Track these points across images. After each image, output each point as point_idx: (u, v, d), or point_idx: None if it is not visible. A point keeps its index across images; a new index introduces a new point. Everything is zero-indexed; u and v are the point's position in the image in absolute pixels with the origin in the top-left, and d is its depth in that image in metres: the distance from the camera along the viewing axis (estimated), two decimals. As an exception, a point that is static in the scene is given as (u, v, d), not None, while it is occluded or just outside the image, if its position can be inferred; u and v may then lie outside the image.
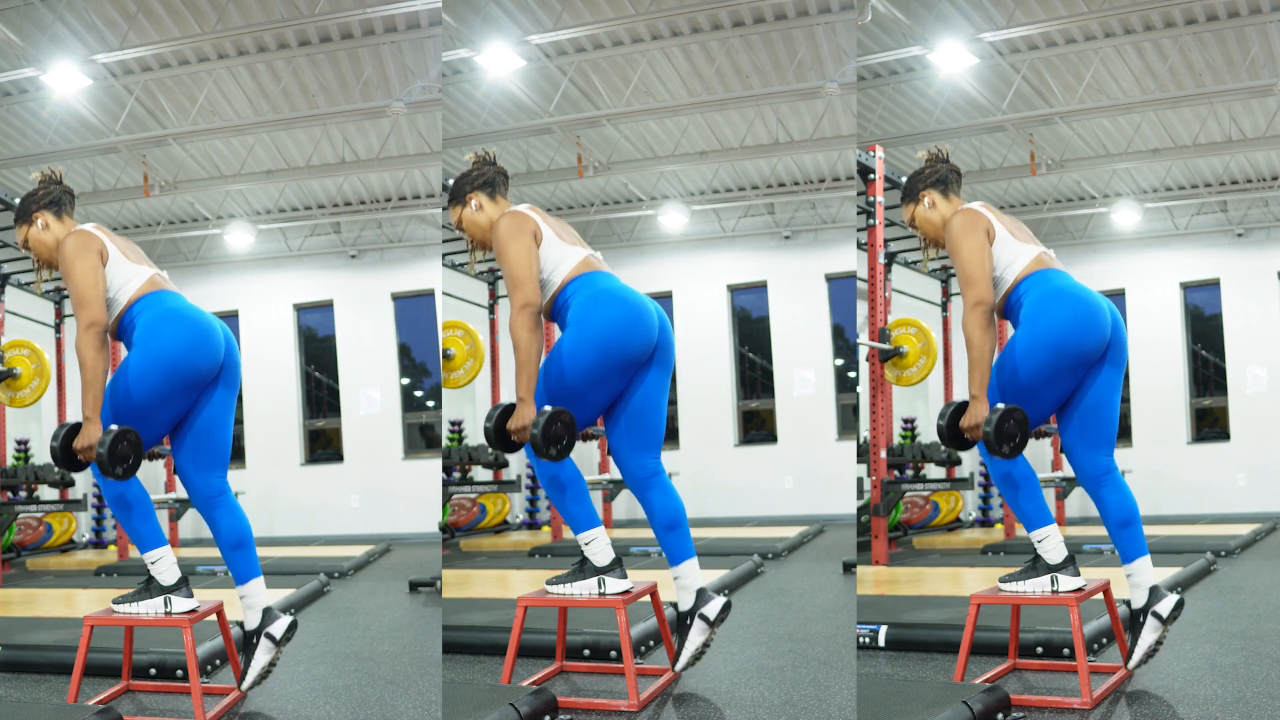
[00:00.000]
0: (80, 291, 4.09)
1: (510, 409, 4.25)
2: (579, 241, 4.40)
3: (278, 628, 4.26)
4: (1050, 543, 4.30)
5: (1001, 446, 4.08)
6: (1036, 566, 4.33)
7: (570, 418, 4.19)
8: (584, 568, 4.47)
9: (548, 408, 4.15)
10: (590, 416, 4.34)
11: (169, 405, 4.15)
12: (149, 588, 4.30)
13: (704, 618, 4.33)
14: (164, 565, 4.28)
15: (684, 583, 4.38)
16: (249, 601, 4.26)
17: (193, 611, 4.29)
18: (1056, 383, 4.17)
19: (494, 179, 4.45)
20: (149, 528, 4.28)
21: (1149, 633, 4.27)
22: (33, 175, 4.37)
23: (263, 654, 4.25)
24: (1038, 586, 4.30)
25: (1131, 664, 4.31)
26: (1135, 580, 4.28)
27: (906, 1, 10.27)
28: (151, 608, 4.28)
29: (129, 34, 10.16)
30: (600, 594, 4.41)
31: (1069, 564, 4.31)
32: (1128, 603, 4.35)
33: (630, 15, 10.29)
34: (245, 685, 4.30)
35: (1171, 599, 4.27)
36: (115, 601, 4.35)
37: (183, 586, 4.31)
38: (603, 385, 4.26)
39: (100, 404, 4.05)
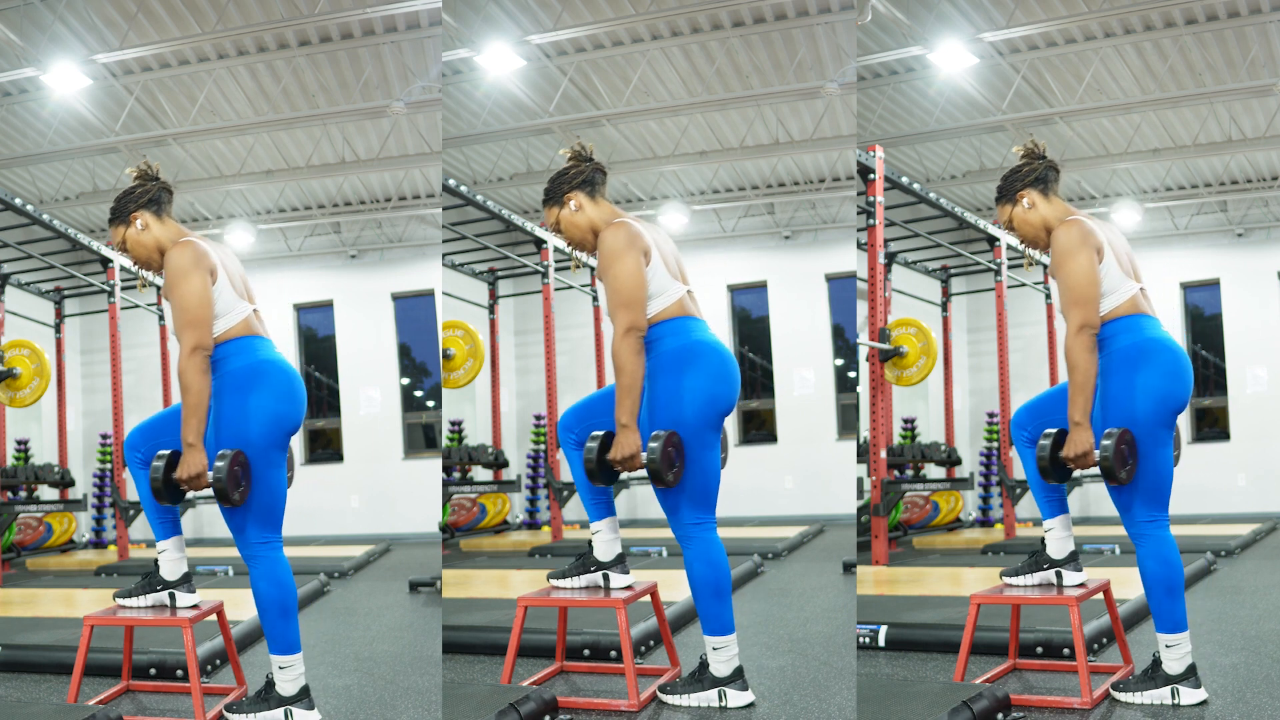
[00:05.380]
0: (192, 312, 3.88)
1: (609, 438, 4.09)
2: (681, 275, 4.20)
3: (305, 719, 4.01)
4: (1056, 534, 4.30)
5: (1119, 472, 3.90)
6: (1039, 560, 4.34)
7: (679, 439, 4.05)
8: (586, 561, 4.40)
9: (659, 432, 4.01)
10: (715, 474, 4.15)
11: (277, 464, 4.00)
12: (151, 581, 4.27)
13: (723, 696, 4.15)
14: (172, 556, 4.25)
15: (724, 655, 4.19)
16: (290, 674, 3.99)
17: (194, 608, 4.28)
18: (1167, 434, 4.01)
19: (593, 177, 4.24)
20: (171, 515, 4.22)
21: (1159, 697, 4.03)
22: (128, 171, 4.17)
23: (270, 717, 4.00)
24: (1039, 579, 4.31)
25: (1121, 698, 4.10)
26: (1176, 652, 4.03)
27: (906, 1, 10.28)
28: (154, 600, 4.26)
29: (129, 34, 10.17)
30: (605, 589, 4.36)
31: (1072, 559, 4.30)
32: (1156, 656, 4.09)
33: (630, 15, 10.29)
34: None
35: (1201, 694, 4.02)
36: (117, 596, 4.34)
37: (185, 582, 4.28)
38: (711, 437, 4.12)
39: (203, 430, 3.87)
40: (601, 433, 4.12)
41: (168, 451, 3.98)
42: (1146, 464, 3.98)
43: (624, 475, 4.33)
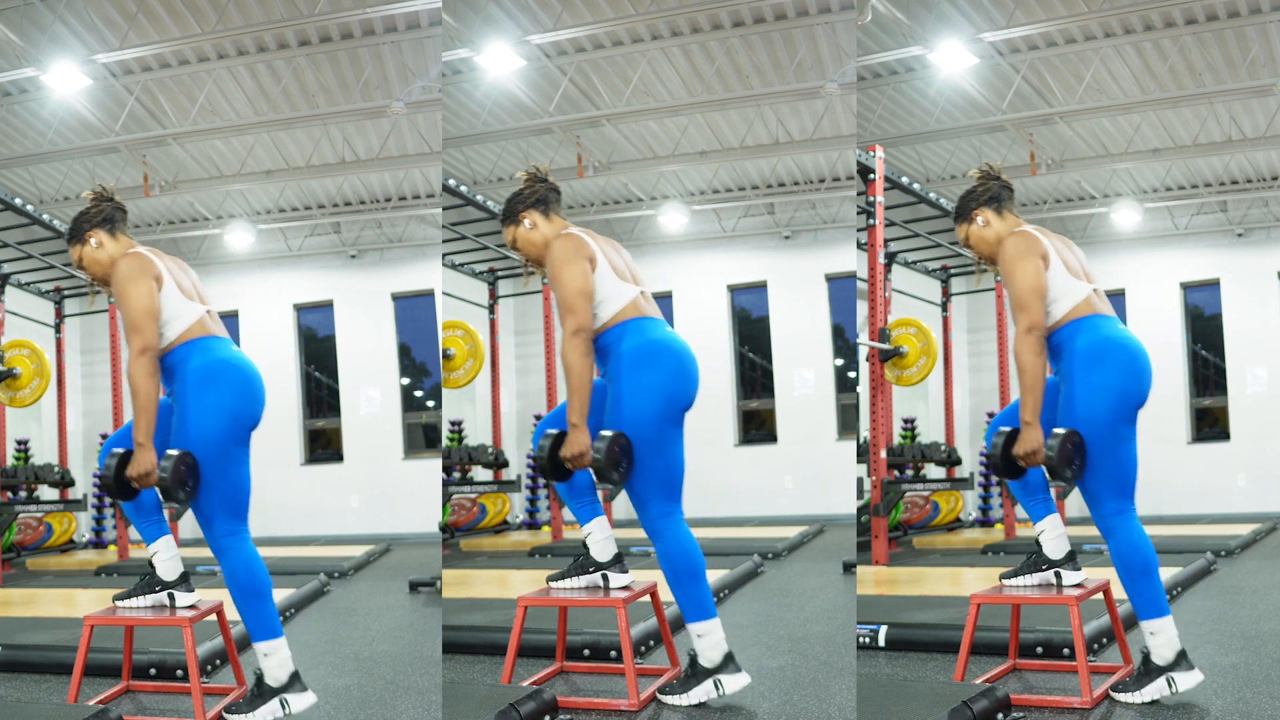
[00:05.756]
0: (134, 317, 4.03)
1: (561, 437, 4.21)
2: (632, 277, 4.32)
3: (300, 701, 4.07)
4: (1049, 535, 4.33)
5: (1064, 470, 4.02)
6: (1037, 562, 4.34)
7: (627, 440, 4.16)
8: (584, 562, 4.44)
9: (606, 431, 4.13)
10: (679, 466, 4.24)
11: (240, 460, 4.09)
12: (149, 583, 4.31)
13: (719, 685, 4.20)
14: (165, 557, 4.31)
15: (710, 641, 4.24)
16: (276, 660, 4.05)
17: (194, 608, 4.29)
18: (1130, 429, 4.10)
19: (546, 196, 4.41)
20: (156, 516, 4.30)
21: (1156, 690, 4.07)
22: (84, 194, 4.34)
23: (268, 714, 4.03)
24: (1038, 580, 4.33)
25: (1124, 700, 4.12)
26: (1161, 639, 4.09)
27: (906, 1, 10.27)
28: (153, 601, 4.30)
29: (129, 34, 10.16)
30: (604, 589, 4.40)
31: (1070, 559, 4.32)
32: (1145, 650, 4.13)
33: (630, 15, 10.29)
34: None
35: (1196, 676, 4.08)
36: (116, 598, 4.36)
37: (184, 582, 4.33)
38: (673, 432, 4.22)
39: (153, 430, 3.99)
40: (555, 431, 4.23)
41: (121, 450, 4.09)
42: (1109, 459, 4.07)
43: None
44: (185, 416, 4.03)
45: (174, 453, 3.97)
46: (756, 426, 14.27)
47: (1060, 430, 4.04)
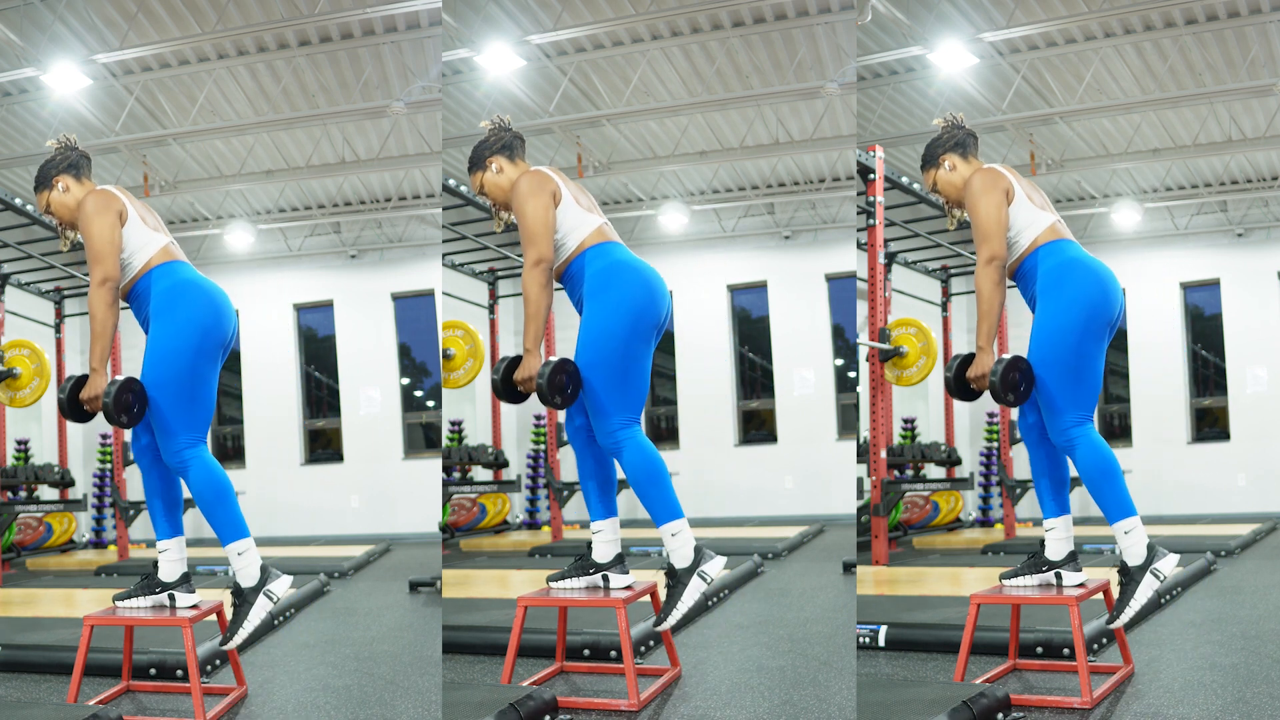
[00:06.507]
0: (96, 247, 4.17)
1: (517, 361, 4.38)
2: (595, 209, 4.48)
3: (280, 586, 4.24)
4: (1056, 535, 4.33)
5: (1007, 395, 4.17)
6: (1037, 563, 4.35)
7: (574, 367, 4.30)
8: (584, 563, 4.46)
9: (553, 357, 4.29)
10: (644, 383, 4.37)
11: (208, 378, 4.23)
12: (149, 583, 4.33)
13: (703, 576, 4.31)
14: (172, 557, 4.33)
15: (684, 537, 4.36)
16: (248, 557, 4.20)
17: (194, 608, 4.30)
18: (1098, 346, 4.20)
19: (511, 142, 4.54)
20: (175, 514, 4.37)
21: (1146, 590, 4.18)
22: (48, 144, 4.45)
23: (260, 611, 4.20)
24: (1038, 581, 4.34)
25: (1119, 623, 4.21)
26: (1134, 536, 4.18)
27: (906, 1, 10.27)
28: (153, 601, 4.32)
29: (129, 34, 10.17)
30: (604, 590, 4.40)
31: (1070, 560, 4.32)
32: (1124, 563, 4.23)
33: (630, 15, 10.29)
34: (234, 643, 4.23)
35: (1173, 557, 4.22)
36: (116, 598, 4.36)
37: (184, 583, 4.35)
38: (640, 348, 4.33)
39: (107, 357, 4.18)
40: (514, 355, 4.41)
41: (78, 375, 4.26)
42: (1073, 374, 4.18)
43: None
44: (157, 335, 4.19)
45: (120, 379, 4.14)
46: (756, 426, 14.27)
47: (1006, 356, 4.19)
